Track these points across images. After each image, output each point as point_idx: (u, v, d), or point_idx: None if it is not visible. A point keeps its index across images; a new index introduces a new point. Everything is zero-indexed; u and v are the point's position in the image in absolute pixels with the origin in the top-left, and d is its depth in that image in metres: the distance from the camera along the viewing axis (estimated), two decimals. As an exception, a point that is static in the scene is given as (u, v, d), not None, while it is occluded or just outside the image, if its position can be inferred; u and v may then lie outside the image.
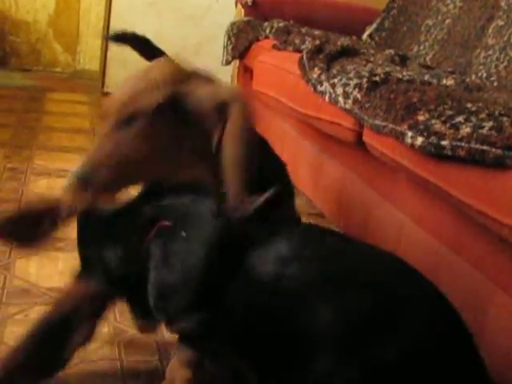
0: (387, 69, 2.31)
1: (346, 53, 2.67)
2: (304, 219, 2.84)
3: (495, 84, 2.60)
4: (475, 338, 1.62)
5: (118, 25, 4.66)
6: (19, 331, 1.78)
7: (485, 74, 2.69)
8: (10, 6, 5.54)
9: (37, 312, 1.89)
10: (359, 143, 2.20)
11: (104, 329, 1.81)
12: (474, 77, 2.68)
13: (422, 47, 3.26)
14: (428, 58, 3.13)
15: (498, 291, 1.58)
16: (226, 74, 4.68)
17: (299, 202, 3.05)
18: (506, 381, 1.53)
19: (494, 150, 1.51)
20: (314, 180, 2.74)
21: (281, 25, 3.40)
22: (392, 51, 2.89)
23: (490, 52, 2.74)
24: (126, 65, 4.69)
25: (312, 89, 2.46)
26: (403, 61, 2.82)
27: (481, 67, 2.74)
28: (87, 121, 4.34)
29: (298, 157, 2.94)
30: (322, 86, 2.39)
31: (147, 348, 1.79)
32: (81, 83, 5.52)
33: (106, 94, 4.80)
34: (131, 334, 1.82)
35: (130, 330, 1.83)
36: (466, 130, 1.61)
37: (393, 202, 2.12)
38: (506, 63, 2.64)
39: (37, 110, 4.41)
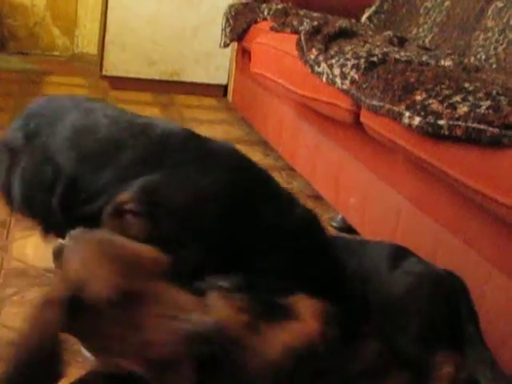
0: (385, 49, 2.30)
1: (344, 34, 2.66)
2: (302, 201, 2.85)
3: (494, 66, 2.59)
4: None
5: (116, 8, 4.63)
6: (16, 312, 1.79)
7: (484, 56, 2.68)
8: (8, -11, 5.52)
9: (34, 293, 1.89)
10: (356, 124, 2.20)
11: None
12: (472, 59, 2.67)
13: (420, 29, 3.24)
14: (427, 41, 3.11)
15: (494, 272, 1.58)
16: (224, 57, 4.67)
17: (297, 184, 3.06)
18: (502, 360, 1.54)
19: (491, 129, 1.51)
20: (312, 162, 2.74)
21: (279, 7, 3.38)
22: (390, 33, 2.88)
23: (489, 34, 2.73)
24: (124, 48, 4.68)
25: (310, 70, 2.45)
26: (401, 42, 2.81)
27: (480, 49, 2.73)
28: (85, 104, 4.33)
29: (296, 138, 2.94)
30: (319, 66, 2.38)
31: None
32: (79, 67, 5.50)
33: (104, 78, 4.78)
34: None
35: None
36: (463, 109, 1.61)
37: (390, 183, 2.12)
38: (504, 45, 2.63)
39: (35, 94, 4.39)
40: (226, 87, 4.84)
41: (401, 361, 1.58)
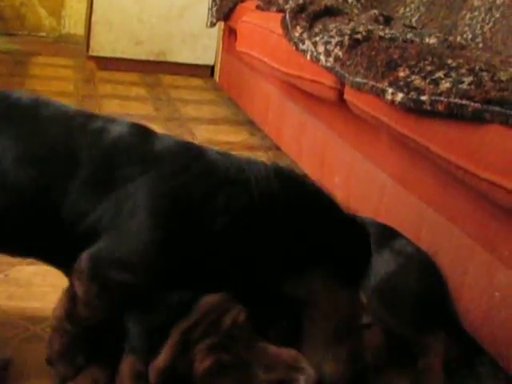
0: (370, 27, 2.29)
1: (330, 12, 2.64)
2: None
3: (480, 45, 2.58)
4: (453, 293, 1.64)
5: (102, -12, 4.62)
6: (1, 290, 1.79)
7: (470, 36, 2.67)
8: (-6, -31, 5.49)
9: (17, 271, 1.88)
10: (340, 101, 2.19)
11: None
12: (459, 38, 2.66)
13: (407, 9, 3.23)
14: (414, 20, 3.10)
15: (477, 248, 1.58)
16: (211, 37, 4.66)
17: (283, 164, 3.05)
18: (484, 337, 1.54)
19: (472, 104, 1.50)
20: (297, 141, 2.73)
21: (265, -14, 3.37)
22: (376, 11, 2.87)
23: (476, 13, 2.72)
24: (111, 28, 4.66)
25: (294, 47, 2.44)
26: (387, 21, 2.80)
27: (466, 28, 2.72)
28: (71, 84, 4.31)
29: (282, 118, 2.93)
30: (303, 44, 2.37)
31: None
32: (66, 47, 5.48)
33: (91, 58, 4.76)
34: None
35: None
36: (445, 85, 1.60)
37: (374, 161, 2.11)
38: (491, 24, 2.63)
39: (21, 74, 4.38)
40: (212, 68, 4.82)
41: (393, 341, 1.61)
